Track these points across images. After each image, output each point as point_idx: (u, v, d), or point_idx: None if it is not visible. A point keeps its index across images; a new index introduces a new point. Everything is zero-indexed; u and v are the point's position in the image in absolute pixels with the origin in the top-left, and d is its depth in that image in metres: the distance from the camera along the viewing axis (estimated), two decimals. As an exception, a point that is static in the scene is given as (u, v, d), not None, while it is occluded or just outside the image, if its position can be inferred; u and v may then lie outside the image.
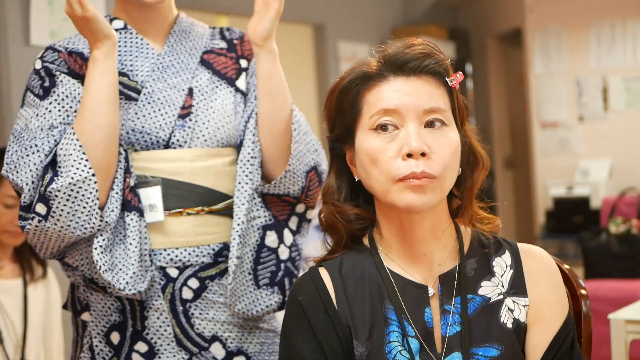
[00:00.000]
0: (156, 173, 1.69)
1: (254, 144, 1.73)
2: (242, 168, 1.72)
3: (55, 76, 1.66)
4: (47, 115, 1.62)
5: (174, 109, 1.71)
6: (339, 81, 1.30)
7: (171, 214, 1.69)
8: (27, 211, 1.59)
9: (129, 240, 1.62)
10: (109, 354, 1.68)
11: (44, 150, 1.59)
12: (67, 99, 1.64)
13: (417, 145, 1.20)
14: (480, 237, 1.33)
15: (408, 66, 1.25)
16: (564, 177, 6.00)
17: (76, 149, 1.57)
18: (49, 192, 1.55)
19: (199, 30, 1.82)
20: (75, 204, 1.56)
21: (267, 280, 1.73)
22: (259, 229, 1.74)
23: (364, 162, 1.26)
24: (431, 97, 1.24)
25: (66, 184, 1.55)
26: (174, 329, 1.68)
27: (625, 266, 4.52)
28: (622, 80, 5.86)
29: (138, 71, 1.71)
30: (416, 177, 1.20)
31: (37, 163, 1.58)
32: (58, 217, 1.56)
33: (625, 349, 2.40)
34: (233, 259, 1.69)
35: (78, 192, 1.56)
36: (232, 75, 1.80)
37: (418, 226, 1.27)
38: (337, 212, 1.31)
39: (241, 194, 1.71)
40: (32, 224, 1.58)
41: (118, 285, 1.59)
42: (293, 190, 1.75)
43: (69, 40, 1.73)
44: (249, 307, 1.71)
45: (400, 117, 1.23)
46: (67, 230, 1.57)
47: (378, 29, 6.21)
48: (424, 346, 1.23)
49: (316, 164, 1.78)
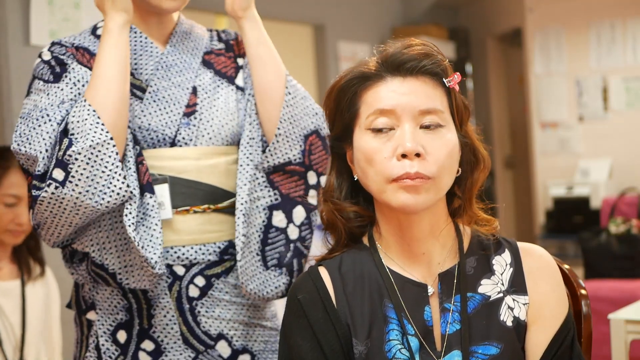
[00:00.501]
0: (163, 171, 1.69)
1: (251, 125, 1.75)
2: (242, 151, 1.73)
3: (67, 64, 1.66)
4: (58, 93, 1.62)
5: (179, 107, 1.72)
6: (338, 80, 1.31)
7: (178, 211, 1.69)
8: (42, 180, 1.55)
9: (152, 221, 1.61)
10: (116, 352, 1.68)
11: (56, 119, 1.57)
12: (79, 82, 1.64)
13: (411, 145, 1.20)
14: (480, 235, 1.33)
15: (405, 66, 1.25)
16: (564, 177, 6.00)
17: (90, 114, 1.55)
18: (69, 155, 1.52)
19: (199, 32, 1.84)
20: (94, 168, 1.53)
21: (275, 261, 1.73)
22: (264, 209, 1.74)
23: (361, 161, 1.26)
24: (428, 98, 1.24)
25: (86, 146, 1.52)
26: (180, 327, 1.68)
27: (625, 266, 4.53)
28: (622, 80, 5.86)
29: (142, 69, 1.72)
30: (410, 177, 1.20)
31: (49, 132, 1.56)
32: (77, 181, 1.52)
33: (625, 349, 2.40)
34: (240, 237, 1.69)
35: (97, 156, 1.53)
36: (231, 74, 1.82)
37: (416, 226, 1.27)
38: (336, 210, 1.31)
39: (242, 175, 1.72)
40: (49, 191, 1.52)
41: (152, 260, 1.57)
42: (293, 156, 1.74)
43: (74, 37, 1.75)
44: (259, 287, 1.71)
45: (396, 118, 1.23)
46: (84, 197, 1.53)
47: (378, 29, 6.21)
48: (424, 344, 1.24)
49: (317, 128, 1.77)
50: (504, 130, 7.20)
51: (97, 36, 1.74)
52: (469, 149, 1.30)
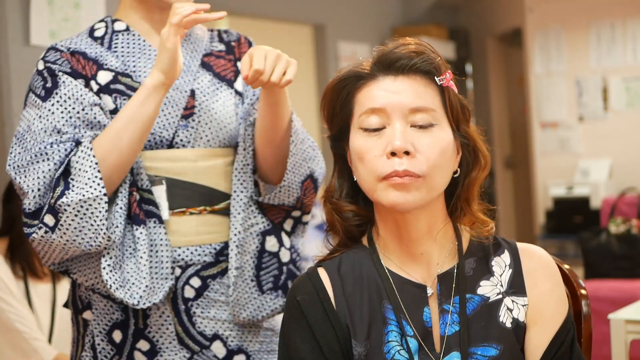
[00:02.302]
0: (160, 172, 1.70)
1: (245, 151, 1.75)
2: (237, 177, 1.74)
3: (58, 77, 1.66)
4: (49, 117, 1.62)
5: (177, 109, 1.72)
6: (332, 81, 1.31)
7: (175, 213, 1.70)
8: (32, 218, 1.59)
9: (139, 254, 1.63)
10: (111, 352, 1.68)
11: (54, 159, 1.58)
12: (69, 100, 1.64)
13: (400, 143, 1.20)
14: (479, 236, 1.33)
15: (396, 65, 1.25)
16: (564, 177, 6.00)
17: (92, 166, 1.57)
18: (59, 205, 1.55)
19: (199, 33, 1.84)
20: (83, 220, 1.56)
21: (270, 284, 1.75)
22: (257, 236, 1.75)
23: (354, 160, 1.27)
24: (418, 96, 1.24)
25: (77, 199, 1.55)
26: (175, 327, 1.69)
27: (625, 266, 4.53)
28: (622, 80, 5.86)
29: (141, 72, 1.72)
30: (398, 175, 1.20)
31: (46, 172, 1.58)
32: (65, 230, 1.56)
33: (625, 349, 2.40)
34: (232, 270, 1.70)
35: (87, 210, 1.56)
36: (230, 78, 1.82)
37: (413, 225, 1.26)
38: (334, 210, 1.31)
39: (237, 203, 1.73)
40: (39, 233, 1.58)
41: (132, 301, 1.60)
42: (288, 202, 1.77)
43: (71, 40, 1.74)
44: (253, 313, 1.73)
45: (387, 116, 1.23)
46: (72, 244, 1.58)
47: (378, 29, 6.21)
48: (423, 346, 1.23)
49: (311, 172, 1.79)
50: (504, 130, 7.19)
51: (95, 38, 1.74)
52: (469, 148, 1.29)
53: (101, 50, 1.73)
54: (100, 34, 1.75)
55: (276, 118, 1.71)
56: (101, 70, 1.70)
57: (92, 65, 1.70)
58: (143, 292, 1.61)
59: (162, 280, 1.65)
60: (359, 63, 1.30)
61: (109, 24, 1.77)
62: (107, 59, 1.72)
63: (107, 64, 1.71)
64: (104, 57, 1.72)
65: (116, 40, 1.74)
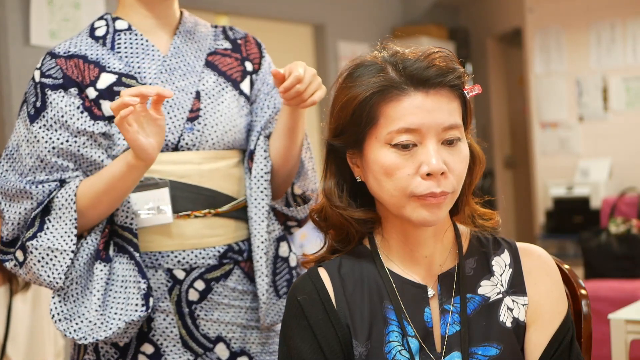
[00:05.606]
0: (164, 175, 1.69)
1: (265, 160, 1.75)
2: (256, 184, 1.74)
3: (47, 95, 1.65)
4: (35, 145, 1.63)
5: (182, 112, 1.71)
6: (355, 92, 1.24)
7: (179, 216, 1.69)
8: (8, 247, 1.65)
9: (92, 291, 1.63)
10: (115, 355, 1.68)
11: (37, 199, 1.61)
12: (55, 125, 1.64)
13: (437, 165, 1.19)
14: (479, 236, 1.33)
15: (430, 82, 1.22)
16: (564, 177, 6.00)
17: (71, 219, 1.60)
18: (28, 245, 1.60)
19: (203, 31, 1.81)
20: (46, 267, 1.60)
21: (285, 289, 1.77)
22: (274, 242, 1.78)
23: (377, 173, 1.23)
24: (450, 114, 1.22)
25: (45, 246, 1.59)
26: (179, 330, 1.69)
27: (625, 266, 4.53)
28: (622, 80, 5.86)
29: (145, 74, 1.70)
30: (434, 196, 1.20)
31: (28, 209, 1.62)
32: (29, 269, 1.62)
33: (625, 349, 2.41)
34: (263, 278, 1.72)
35: (51, 260, 1.60)
36: (237, 78, 1.80)
37: (421, 232, 1.27)
38: (345, 214, 1.29)
39: (259, 211, 1.74)
40: (9, 264, 1.65)
41: (70, 335, 1.61)
42: (299, 216, 1.84)
43: (71, 42, 1.72)
44: (274, 318, 1.76)
45: (420, 135, 1.21)
46: (35, 281, 1.63)
47: (378, 29, 6.21)
48: (424, 346, 1.23)
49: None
50: (504, 130, 7.20)
51: (96, 38, 1.72)
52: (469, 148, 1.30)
53: (103, 52, 1.70)
54: (102, 33, 1.73)
55: (291, 144, 1.75)
56: (103, 73, 1.68)
57: (93, 69, 1.67)
58: (86, 327, 1.61)
59: (119, 316, 1.61)
60: (379, 69, 1.24)
61: (109, 23, 1.74)
62: (110, 61, 1.69)
63: (110, 66, 1.69)
64: (106, 59, 1.69)
65: (119, 40, 1.72)
